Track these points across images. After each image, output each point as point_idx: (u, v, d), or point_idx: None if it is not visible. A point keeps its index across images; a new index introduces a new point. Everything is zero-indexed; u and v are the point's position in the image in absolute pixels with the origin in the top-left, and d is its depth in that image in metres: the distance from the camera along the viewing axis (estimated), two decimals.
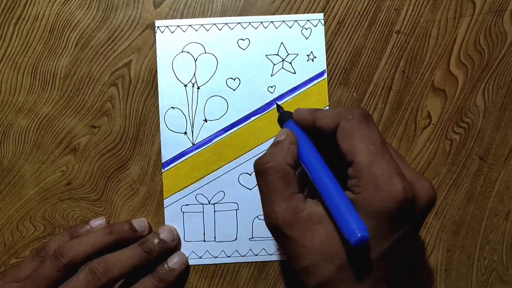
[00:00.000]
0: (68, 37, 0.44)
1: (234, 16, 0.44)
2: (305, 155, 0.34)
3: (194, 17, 0.44)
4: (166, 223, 0.43)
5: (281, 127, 0.37)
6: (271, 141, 0.43)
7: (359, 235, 0.27)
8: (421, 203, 0.31)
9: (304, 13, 0.44)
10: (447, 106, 0.44)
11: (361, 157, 0.31)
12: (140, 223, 0.42)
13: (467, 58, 0.45)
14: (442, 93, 0.44)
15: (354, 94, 0.44)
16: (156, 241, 0.41)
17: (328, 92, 0.44)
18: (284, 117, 0.38)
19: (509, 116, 0.45)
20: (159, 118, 0.44)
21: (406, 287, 0.44)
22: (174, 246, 0.42)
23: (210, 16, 0.44)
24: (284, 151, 0.34)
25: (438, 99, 0.44)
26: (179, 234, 0.43)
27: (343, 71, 0.44)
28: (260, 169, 0.34)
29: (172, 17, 0.44)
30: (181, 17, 0.44)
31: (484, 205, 0.45)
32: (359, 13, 0.44)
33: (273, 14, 0.44)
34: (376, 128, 0.33)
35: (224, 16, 0.44)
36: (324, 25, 0.45)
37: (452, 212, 0.44)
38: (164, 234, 0.42)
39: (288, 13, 0.44)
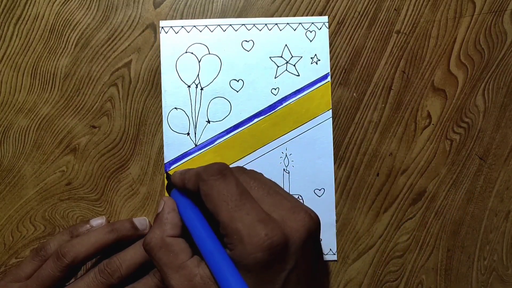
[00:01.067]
0: (68, 37, 0.44)
1: (234, 16, 0.44)
2: (186, 220, 0.35)
3: (194, 17, 0.44)
4: None
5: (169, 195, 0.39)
6: (273, 143, 0.44)
7: None
8: (296, 237, 0.32)
9: (304, 13, 0.44)
10: (447, 106, 0.45)
11: (222, 216, 0.32)
12: (141, 221, 0.42)
13: (467, 58, 0.45)
14: (442, 93, 0.44)
15: (354, 94, 0.44)
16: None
17: None
18: (170, 186, 0.39)
19: (509, 116, 0.45)
20: (159, 118, 0.44)
21: None
22: None
23: (210, 16, 0.44)
24: (163, 224, 0.35)
25: (438, 99, 0.44)
26: None
27: (343, 71, 0.44)
28: (146, 249, 0.35)
29: (172, 17, 0.44)
30: (181, 17, 0.44)
31: (484, 205, 0.45)
32: (359, 13, 0.45)
33: (273, 14, 0.44)
34: (234, 180, 0.33)
35: (224, 16, 0.44)
36: None
37: (452, 212, 0.44)
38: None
39: (288, 13, 0.44)
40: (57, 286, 0.39)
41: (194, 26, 0.44)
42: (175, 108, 0.44)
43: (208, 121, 0.44)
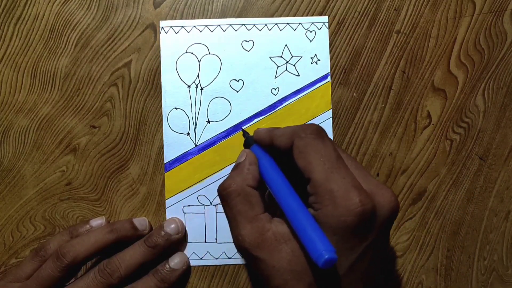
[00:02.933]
0: (68, 37, 0.44)
1: (234, 16, 0.44)
2: (267, 175, 0.34)
3: (194, 17, 0.44)
4: None
5: None
6: None
7: (326, 256, 0.28)
8: (382, 213, 0.31)
9: (304, 13, 0.44)
10: (447, 106, 0.45)
11: (317, 174, 0.31)
12: (141, 221, 0.42)
13: (467, 58, 0.45)
14: (442, 93, 0.45)
15: (354, 94, 0.44)
16: (161, 234, 0.41)
17: None
18: (249, 142, 0.38)
19: (509, 116, 0.45)
20: (159, 118, 0.44)
21: None
22: (179, 238, 0.42)
23: (210, 16, 0.44)
24: (244, 173, 0.35)
25: (438, 99, 0.45)
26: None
27: (343, 71, 0.44)
28: (223, 194, 0.34)
29: (172, 17, 0.44)
30: (181, 17, 0.44)
31: (484, 205, 0.45)
32: (359, 13, 0.45)
33: (273, 14, 0.44)
34: (331, 143, 0.33)
35: (224, 16, 0.44)
36: None
37: (452, 212, 0.45)
38: (168, 228, 0.42)
39: (288, 13, 0.44)
40: (57, 286, 0.39)
41: (194, 26, 0.44)
42: (175, 108, 0.44)
43: (208, 121, 0.44)
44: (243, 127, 0.44)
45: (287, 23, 0.44)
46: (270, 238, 0.32)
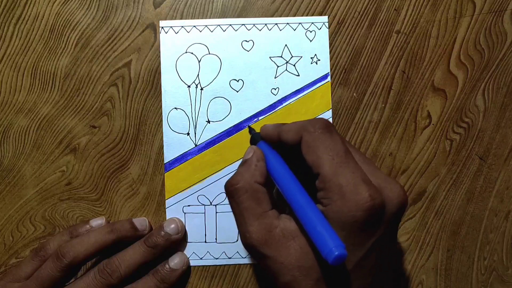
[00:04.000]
0: (68, 37, 0.44)
1: (234, 16, 0.44)
2: (274, 172, 0.34)
3: (194, 17, 0.44)
4: None
5: None
6: None
7: (336, 253, 0.27)
8: (391, 208, 0.31)
9: (304, 13, 0.44)
10: (447, 106, 0.45)
11: (326, 169, 0.31)
12: (141, 221, 0.42)
13: (467, 58, 0.45)
14: (442, 93, 0.44)
15: (354, 94, 0.44)
16: (161, 234, 0.41)
17: None
18: (256, 139, 0.38)
19: (509, 116, 0.45)
20: (159, 118, 0.44)
21: None
22: (179, 238, 0.42)
23: (210, 16, 0.44)
24: (251, 170, 0.34)
25: (438, 99, 0.44)
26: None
27: (343, 71, 0.44)
28: (230, 190, 0.34)
29: (172, 17, 0.44)
30: (181, 17, 0.44)
31: (484, 205, 0.45)
32: (359, 13, 0.45)
33: (273, 14, 0.44)
34: (339, 137, 0.33)
35: (224, 16, 0.44)
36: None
37: (452, 212, 0.44)
38: (168, 228, 0.41)
39: (288, 13, 0.44)
40: (57, 286, 0.40)
41: (194, 26, 0.44)
42: (175, 108, 0.44)
43: (208, 121, 0.44)
44: (249, 124, 0.43)
45: (287, 23, 0.44)
46: (277, 235, 0.32)
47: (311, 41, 0.44)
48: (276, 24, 0.44)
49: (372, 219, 0.30)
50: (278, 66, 0.44)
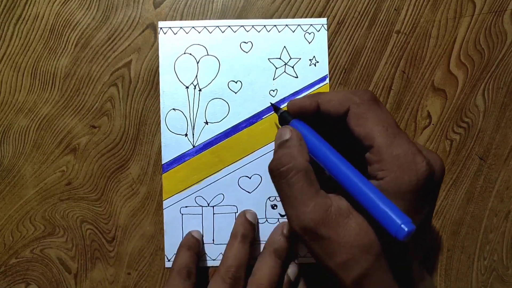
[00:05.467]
0: (68, 37, 0.44)
1: (234, 16, 0.44)
2: (318, 151, 0.33)
3: (194, 17, 0.44)
4: (165, 225, 0.43)
5: None
6: (271, 145, 0.43)
7: (406, 229, 0.27)
8: (436, 176, 0.32)
9: (304, 13, 0.44)
10: (447, 106, 0.44)
11: (380, 140, 0.30)
12: (252, 215, 0.43)
13: (467, 58, 0.44)
14: (442, 93, 0.44)
15: None
16: (282, 239, 0.41)
17: None
18: (285, 117, 0.37)
19: (509, 116, 0.45)
20: (159, 118, 0.44)
21: None
22: None
23: (210, 16, 0.44)
24: (298, 149, 0.33)
25: (438, 99, 0.44)
26: (179, 236, 0.43)
27: (343, 71, 0.44)
28: (281, 171, 0.33)
29: (172, 17, 0.44)
30: (181, 17, 0.44)
31: (484, 205, 0.45)
32: (359, 13, 0.44)
33: (273, 14, 0.44)
34: (387, 109, 0.32)
35: (224, 16, 0.44)
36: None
37: (452, 212, 0.44)
38: (286, 229, 0.42)
39: (288, 13, 0.44)
40: None
41: (193, 27, 0.44)
42: (173, 109, 0.44)
43: (206, 122, 0.44)
44: (272, 102, 0.42)
45: (286, 25, 0.44)
46: (333, 213, 0.31)
47: (309, 43, 0.44)
48: (275, 25, 0.44)
49: (429, 186, 0.30)
50: (276, 68, 0.44)
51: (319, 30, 0.44)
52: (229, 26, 0.44)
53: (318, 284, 0.44)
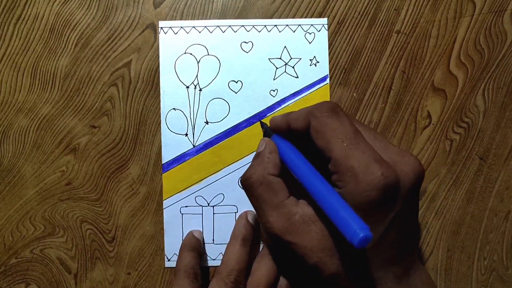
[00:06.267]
0: (68, 37, 0.44)
1: (234, 16, 0.44)
2: (290, 161, 0.35)
3: (194, 17, 0.44)
4: (165, 225, 0.43)
5: None
6: None
7: (361, 235, 0.27)
8: (407, 181, 0.31)
9: (304, 13, 0.44)
10: (447, 106, 0.44)
11: (336, 153, 0.31)
12: (254, 217, 0.43)
13: (467, 58, 0.44)
14: (442, 93, 0.44)
15: (354, 94, 0.44)
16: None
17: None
18: (268, 132, 0.38)
19: (509, 116, 0.45)
20: (159, 118, 0.44)
21: None
22: None
23: (210, 16, 0.44)
24: (264, 162, 0.35)
25: (438, 99, 0.44)
26: (179, 236, 0.43)
27: (343, 71, 0.44)
28: (246, 184, 0.35)
29: (172, 17, 0.44)
30: (181, 17, 0.44)
31: (484, 205, 0.45)
32: (359, 13, 0.44)
33: (273, 14, 0.44)
34: (347, 118, 0.33)
35: (224, 16, 0.44)
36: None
37: (452, 212, 0.44)
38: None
39: (288, 13, 0.44)
40: None
41: (193, 27, 0.44)
42: (174, 108, 0.44)
43: (207, 122, 0.44)
44: (261, 120, 0.43)
45: (286, 25, 0.44)
46: (298, 221, 0.33)
47: (310, 43, 0.44)
48: (276, 25, 0.44)
49: (388, 196, 0.30)
50: (277, 68, 0.44)
51: (319, 30, 0.44)
52: (229, 26, 0.44)
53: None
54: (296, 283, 0.40)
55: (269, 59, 0.44)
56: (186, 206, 0.44)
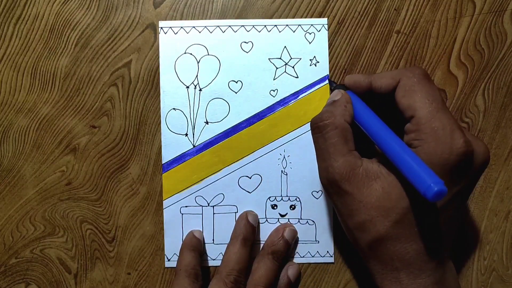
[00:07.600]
0: (68, 37, 0.44)
1: (234, 16, 0.44)
2: (364, 117, 0.35)
3: (194, 17, 0.44)
4: (165, 225, 0.43)
5: None
6: (271, 145, 0.43)
7: (435, 188, 0.27)
8: (477, 161, 0.32)
9: (304, 13, 0.44)
10: (447, 106, 0.44)
11: (422, 112, 0.32)
12: (254, 217, 0.43)
13: (467, 58, 0.44)
14: (442, 93, 0.44)
15: None
16: (281, 241, 0.41)
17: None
18: (342, 88, 0.39)
19: (509, 116, 0.45)
20: (159, 118, 0.44)
21: None
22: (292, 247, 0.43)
23: (210, 16, 0.44)
24: (342, 109, 0.35)
25: None
26: (179, 236, 0.43)
27: (343, 71, 0.44)
28: (319, 125, 0.35)
29: (172, 17, 0.44)
30: (181, 17, 0.44)
31: (484, 205, 0.45)
32: (359, 13, 0.44)
33: (273, 14, 0.44)
34: (436, 87, 0.34)
35: (224, 16, 0.44)
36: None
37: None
38: (288, 235, 0.42)
39: (288, 13, 0.44)
40: None
41: (193, 27, 0.44)
42: (174, 108, 0.44)
43: (207, 122, 0.44)
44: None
45: (286, 25, 0.44)
46: (361, 173, 0.33)
47: (310, 43, 0.44)
48: (276, 25, 0.44)
49: (462, 165, 0.31)
50: (277, 68, 0.44)
51: (319, 30, 0.44)
52: (229, 26, 0.44)
53: (318, 284, 0.44)
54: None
55: (269, 59, 0.44)
56: (186, 206, 0.44)
